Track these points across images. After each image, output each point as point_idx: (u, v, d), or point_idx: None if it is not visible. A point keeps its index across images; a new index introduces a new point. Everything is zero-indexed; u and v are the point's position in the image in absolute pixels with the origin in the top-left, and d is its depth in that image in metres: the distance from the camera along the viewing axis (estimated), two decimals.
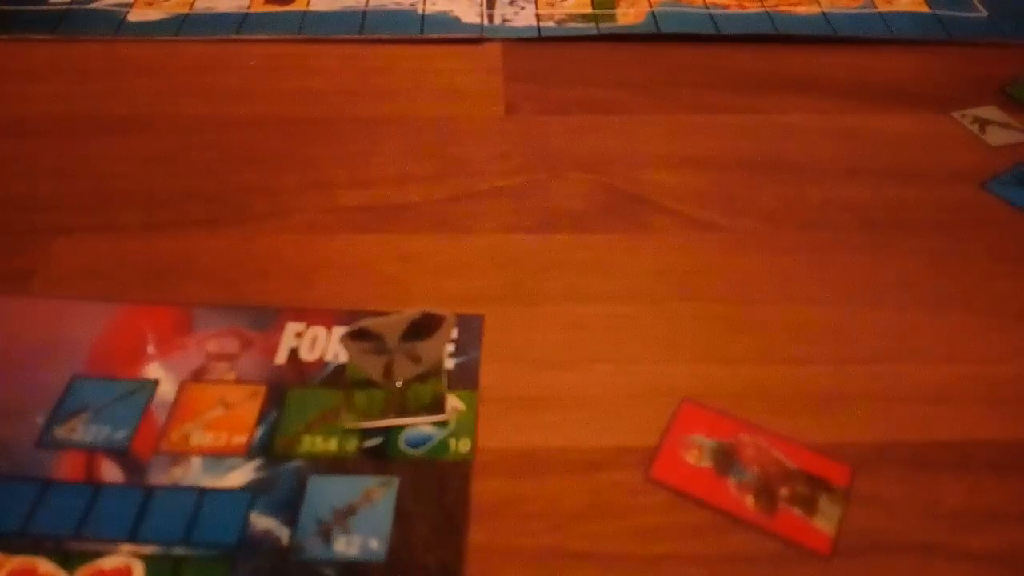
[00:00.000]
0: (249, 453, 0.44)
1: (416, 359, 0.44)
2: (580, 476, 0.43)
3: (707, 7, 0.76)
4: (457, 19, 0.75)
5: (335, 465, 0.43)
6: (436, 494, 0.42)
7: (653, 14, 0.75)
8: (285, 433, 0.44)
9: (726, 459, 0.44)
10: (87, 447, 0.44)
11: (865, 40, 0.73)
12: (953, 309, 0.51)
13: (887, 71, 0.70)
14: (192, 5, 0.76)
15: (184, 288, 0.52)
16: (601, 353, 0.49)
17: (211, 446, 0.44)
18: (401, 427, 0.45)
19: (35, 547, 0.40)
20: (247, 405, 0.46)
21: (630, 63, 0.71)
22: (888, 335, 0.50)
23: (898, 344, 0.49)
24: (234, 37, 0.73)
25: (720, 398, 0.46)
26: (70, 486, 0.42)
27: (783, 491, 0.42)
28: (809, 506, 0.42)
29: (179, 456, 0.43)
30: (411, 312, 0.44)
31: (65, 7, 0.76)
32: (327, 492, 0.42)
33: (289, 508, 0.41)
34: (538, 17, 0.75)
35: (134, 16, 0.75)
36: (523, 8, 0.76)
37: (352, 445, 0.44)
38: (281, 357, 0.48)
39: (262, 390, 0.46)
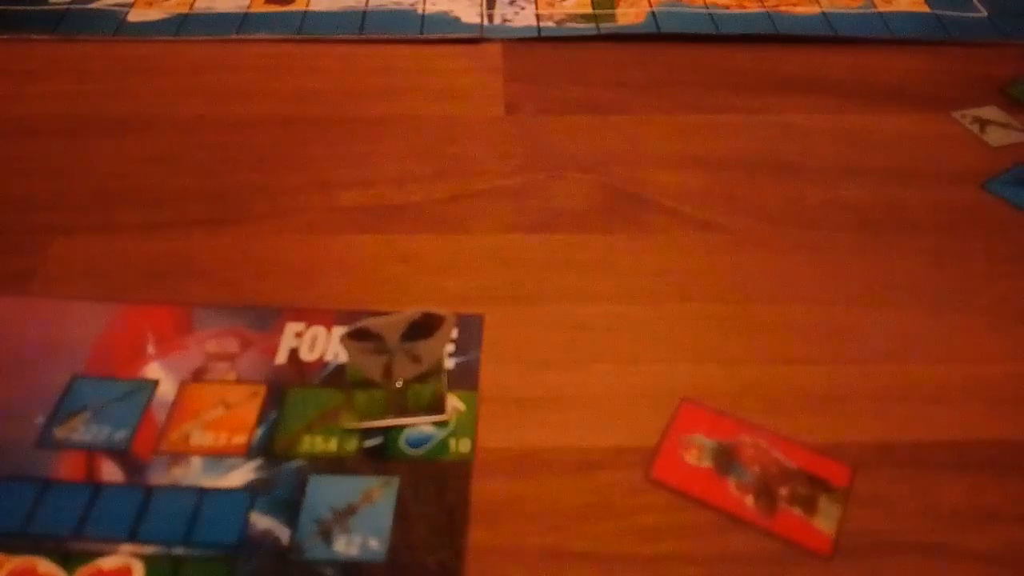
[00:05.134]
0: (249, 453, 0.44)
1: (416, 359, 0.44)
2: (580, 476, 0.43)
3: (707, 7, 0.76)
4: (457, 19, 0.75)
5: (335, 465, 0.43)
6: (436, 494, 0.42)
7: (653, 14, 0.75)
8: (285, 433, 0.44)
9: (726, 459, 0.44)
10: (87, 447, 0.44)
11: (865, 40, 0.73)
12: (953, 309, 0.51)
13: (887, 71, 0.70)
14: (192, 5, 0.76)
15: (184, 288, 0.52)
16: (601, 353, 0.49)
17: (211, 446, 0.44)
18: (401, 427, 0.45)
19: (35, 547, 0.40)
20: (247, 405, 0.46)
21: (630, 63, 0.71)
22: (888, 335, 0.50)
23: (898, 344, 0.49)
24: (234, 37, 0.73)
25: (720, 398, 0.46)
26: (70, 486, 0.42)
27: (783, 491, 0.42)
28: (809, 506, 0.42)
29: (179, 456, 0.43)
30: (411, 312, 0.44)
31: (65, 7, 0.76)
32: (327, 492, 0.42)
33: (289, 508, 0.41)
34: (538, 17, 0.75)
35: (134, 16, 0.75)
36: (523, 8, 0.76)
37: (352, 445, 0.44)
38: (281, 357, 0.48)
39: (262, 390, 0.46)
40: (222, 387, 0.47)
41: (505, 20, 0.75)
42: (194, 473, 0.43)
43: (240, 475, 0.43)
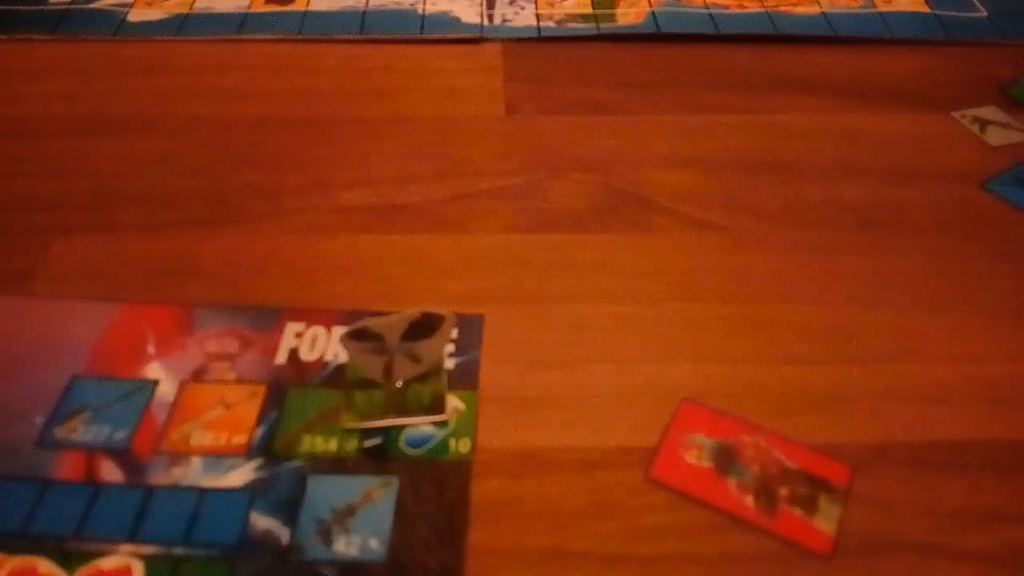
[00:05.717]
0: (249, 453, 0.44)
1: (416, 359, 0.44)
2: (580, 476, 0.43)
3: (707, 7, 0.76)
4: (457, 19, 0.75)
5: (335, 465, 0.43)
6: (436, 494, 0.42)
7: (653, 14, 0.75)
8: (285, 433, 0.44)
9: (726, 459, 0.44)
10: (87, 447, 0.44)
11: (865, 40, 0.73)
12: (953, 309, 0.51)
13: (887, 71, 0.70)
14: (192, 5, 0.76)
15: (184, 288, 0.52)
16: (601, 353, 0.49)
17: (211, 446, 0.44)
18: (401, 427, 0.45)
19: (35, 547, 0.40)
20: (247, 405, 0.46)
21: (630, 63, 0.71)
22: (888, 335, 0.50)
23: (898, 344, 0.49)
24: (234, 37, 0.73)
25: (720, 398, 0.46)
26: (70, 486, 0.42)
27: (783, 491, 0.42)
28: (809, 506, 0.42)
29: (179, 456, 0.43)
30: (411, 312, 0.44)
31: (65, 7, 0.76)
32: (327, 492, 0.42)
33: (289, 508, 0.41)
34: (538, 17, 0.75)
35: (134, 16, 0.75)
36: (523, 8, 0.76)
37: (352, 445, 0.44)
38: (281, 357, 0.48)
39: (262, 390, 0.46)
40: (222, 387, 0.47)
41: (505, 20, 0.75)
42: (194, 473, 0.43)
43: (240, 475, 0.43)
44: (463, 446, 0.44)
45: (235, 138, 0.63)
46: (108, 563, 0.39)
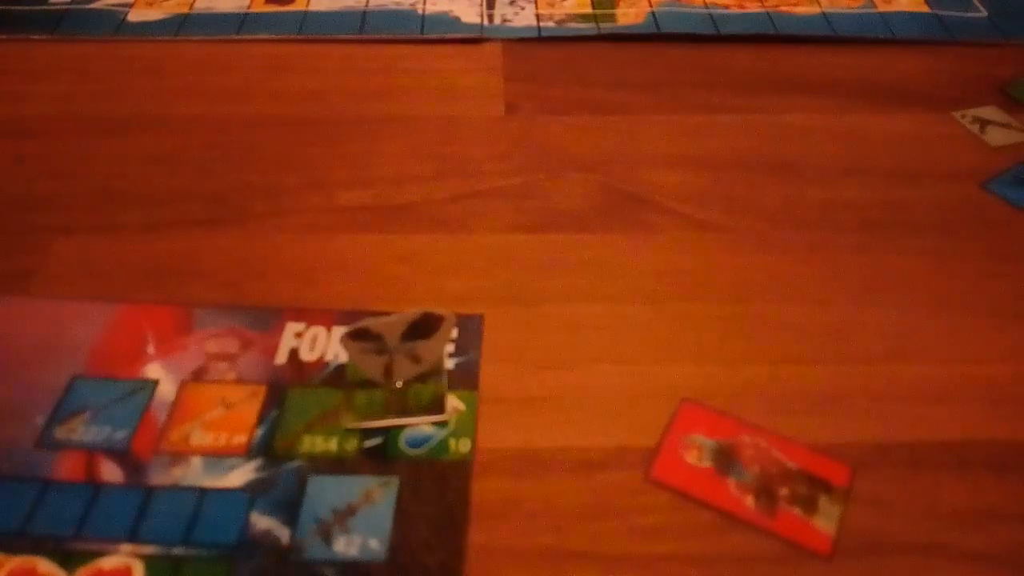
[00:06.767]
0: (249, 453, 0.44)
1: (416, 359, 0.44)
2: (580, 476, 0.43)
3: (707, 7, 0.76)
4: (457, 19, 0.75)
5: (335, 465, 0.43)
6: (436, 494, 0.42)
7: (653, 14, 0.75)
8: (285, 433, 0.44)
9: (726, 459, 0.44)
10: (87, 447, 0.44)
11: (865, 40, 0.73)
12: (953, 309, 0.51)
13: (887, 71, 0.70)
14: (192, 5, 0.76)
15: (184, 288, 0.52)
16: (601, 353, 0.49)
17: (211, 446, 0.44)
18: (401, 427, 0.45)
19: (35, 547, 0.40)
20: (247, 405, 0.46)
21: (630, 63, 0.71)
22: (888, 335, 0.50)
23: (898, 344, 0.49)
24: (234, 37, 0.73)
25: (720, 398, 0.46)
26: (70, 486, 0.42)
27: (783, 491, 0.42)
28: (809, 506, 0.42)
29: (179, 456, 0.43)
30: (411, 312, 0.44)
31: (65, 7, 0.76)
32: (327, 492, 0.42)
33: (289, 508, 0.41)
34: (538, 17, 0.75)
35: (134, 16, 0.75)
36: (523, 8, 0.76)
37: (352, 445, 0.44)
38: (281, 357, 0.48)
39: (262, 390, 0.46)
40: (222, 387, 0.47)
41: (505, 20, 0.75)
42: (194, 473, 0.43)
43: (240, 475, 0.43)
44: (463, 446, 0.44)
45: (235, 138, 0.63)
46: (108, 563, 0.39)
